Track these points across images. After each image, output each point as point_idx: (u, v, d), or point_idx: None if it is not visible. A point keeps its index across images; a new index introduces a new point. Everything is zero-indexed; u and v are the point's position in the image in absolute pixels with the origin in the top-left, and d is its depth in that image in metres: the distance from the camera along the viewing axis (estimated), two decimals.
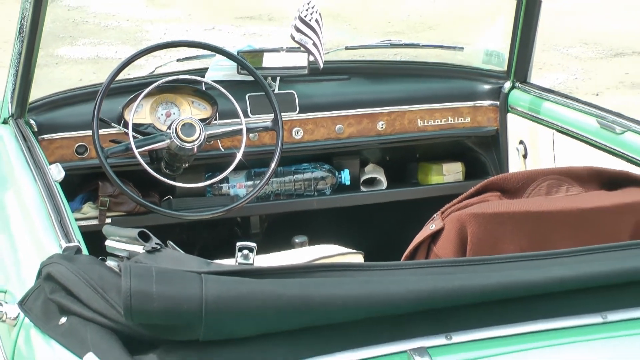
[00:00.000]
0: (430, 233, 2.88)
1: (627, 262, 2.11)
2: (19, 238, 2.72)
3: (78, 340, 2.04)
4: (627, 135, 3.31)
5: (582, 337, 2.05)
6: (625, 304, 2.09)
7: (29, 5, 3.23)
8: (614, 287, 2.10)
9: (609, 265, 2.10)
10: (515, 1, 3.78)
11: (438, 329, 2.00)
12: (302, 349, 1.95)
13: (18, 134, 3.30)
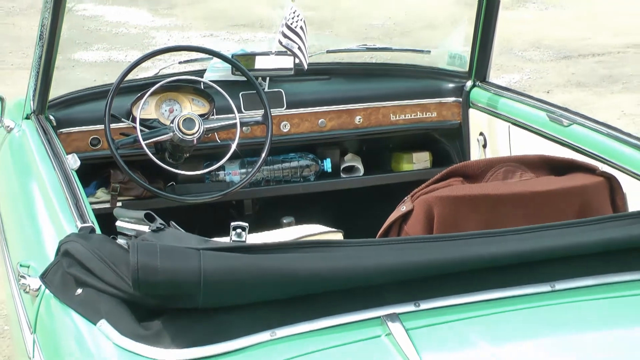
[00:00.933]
0: (401, 214, 2.89)
1: (573, 238, 2.12)
2: (40, 219, 2.72)
3: (92, 309, 2.05)
4: (573, 127, 3.32)
5: (534, 304, 2.05)
6: (572, 274, 2.10)
7: (48, 14, 3.23)
8: (561, 260, 2.11)
9: (557, 240, 2.11)
10: (476, 11, 3.78)
11: (408, 297, 2.00)
12: (288, 315, 1.96)
13: (39, 128, 3.30)
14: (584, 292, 2.09)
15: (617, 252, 2.14)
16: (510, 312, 2.03)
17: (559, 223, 2.17)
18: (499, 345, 1.97)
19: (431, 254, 2.05)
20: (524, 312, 2.03)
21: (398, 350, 1.89)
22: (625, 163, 3.06)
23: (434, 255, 2.05)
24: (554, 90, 8.07)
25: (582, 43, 10.03)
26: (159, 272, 1.88)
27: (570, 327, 2.05)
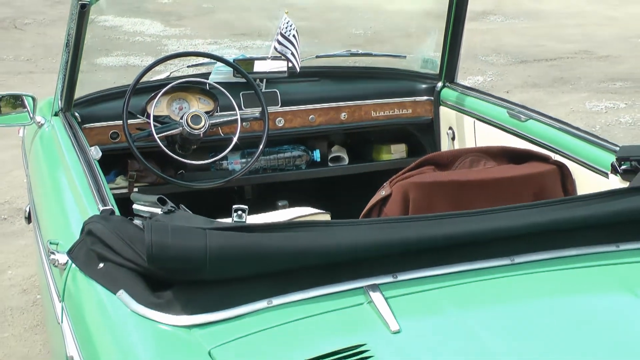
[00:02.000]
0: (381, 198, 2.89)
1: (530, 218, 2.12)
2: (67, 203, 2.72)
3: (112, 281, 2.04)
4: (530, 122, 3.33)
5: (496, 275, 2.05)
6: (529, 250, 2.10)
7: (74, 25, 3.22)
8: (520, 237, 2.10)
9: (516, 220, 2.11)
10: (445, 21, 3.78)
11: (386, 270, 2.00)
12: (282, 286, 1.95)
13: (66, 123, 3.29)
14: (538, 265, 2.09)
15: (567, 230, 2.14)
16: (475, 282, 2.03)
17: (518, 205, 2.17)
18: (466, 310, 1.96)
19: (407, 232, 2.05)
20: (487, 282, 2.03)
21: (378, 315, 1.89)
22: (575, 153, 3.06)
23: (409, 233, 2.04)
24: (512, 90, 8.08)
25: (537, 49, 10.04)
26: (170, 248, 1.88)
27: (527, 294, 2.05)
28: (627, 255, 2.15)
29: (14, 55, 10.20)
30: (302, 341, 1.86)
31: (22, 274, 4.79)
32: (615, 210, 2.18)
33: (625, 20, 11.55)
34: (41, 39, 10.93)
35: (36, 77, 8.80)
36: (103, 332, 2.03)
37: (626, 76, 8.76)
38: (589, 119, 7.30)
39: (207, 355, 1.82)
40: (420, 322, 1.92)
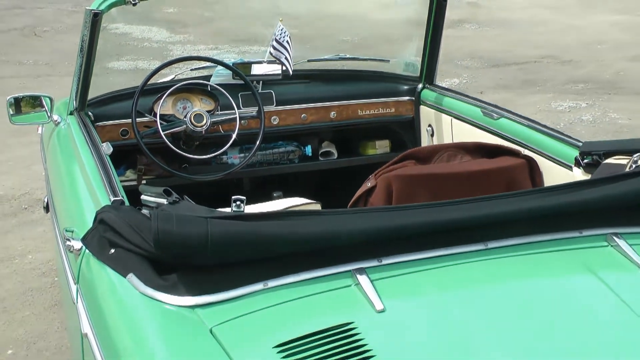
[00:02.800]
0: (367, 189, 2.89)
1: (502, 207, 2.12)
2: (81, 194, 2.71)
3: (122, 265, 2.04)
4: (501, 120, 3.35)
5: (471, 259, 2.05)
6: (500, 236, 2.10)
7: (87, 32, 3.21)
8: (493, 224, 2.11)
9: (489, 209, 2.11)
10: (425, 29, 3.78)
11: (372, 254, 2.00)
12: (277, 270, 1.95)
13: (80, 122, 3.29)
14: (509, 250, 2.09)
15: (535, 218, 2.14)
16: (452, 266, 2.03)
17: (491, 195, 2.17)
18: (444, 291, 1.97)
19: (390, 220, 2.05)
20: (464, 265, 2.03)
21: (364, 296, 1.89)
22: (542, 148, 3.07)
23: (393, 221, 2.04)
24: (485, 91, 8.09)
25: (507, 55, 10.06)
26: (175, 235, 1.88)
27: (499, 276, 2.05)
28: (589, 241, 2.15)
29: (33, 60, 10.18)
30: (295, 320, 1.86)
31: (41, 258, 4.79)
32: (578, 200, 2.18)
33: (586, 28, 11.57)
34: (58, 45, 10.90)
35: (54, 79, 8.79)
36: (114, 312, 2.03)
37: (587, 79, 8.78)
38: (554, 117, 7.31)
39: (208, 332, 1.82)
40: (402, 302, 1.92)
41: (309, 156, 4.06)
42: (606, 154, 2.72)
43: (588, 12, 12.91)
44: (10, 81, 8.99)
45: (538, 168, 3.05)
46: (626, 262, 2.09)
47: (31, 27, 12.38)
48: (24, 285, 4.48)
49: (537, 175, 3.05)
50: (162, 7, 12.02)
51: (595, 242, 2.15)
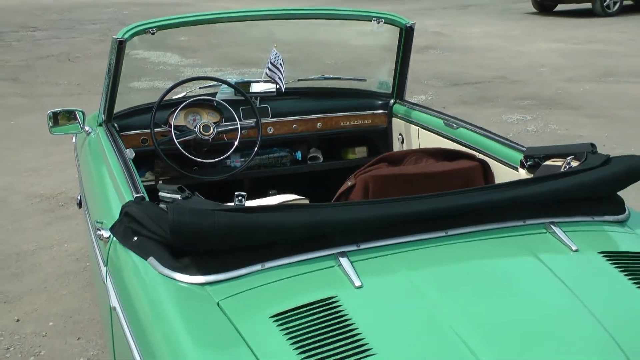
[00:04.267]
0: (347, 187, 2.90)
1: (460, 201, 2.14)
2: (109, 192, 2.72)
3: (144, 250, 2.05)
4: (460, 130, 3.35)
5: (434, 244, 2.07)
6: (459, 225, 2.12)
7: (113, 57, 3.22)
8: (452, 215, 2.12)
9: (449, 202, 2.13)
10: (396, 54, 3.80)
11: (351, 240, 2.01)
12: (272, 254, 1.97)
13: (107, 132, 3.29)
14: (466, 236, 2.11)
15: (487, 210, 2.16)
16: (418, 249, 2.05)
17: (450, 192, 2.18)
18: (411, 270, 1.98)
19: (367, 212, 2.06)
20: (428, 249, 2.06)
21: (345, 275, 1.90)
22: (493, 152, 3.08)
23: (369, 213, 2.06)
24: (447, 106, 8.11)
25: (465, 75, 10.09)
26: (187, 225, 1.89)
27: (457, 258, 2.07)
28: (530, 229, 2.18)
29: (67, 81, 10.15)
30: (288, 294, 1.87)
31: (75, 247, 4.79)
32: (522, 195, 2.21)
33: (531, 54, 11.61)
34: (88, 68, 10.87)
35: (84, 97, 8.77)
36: (137, 289, 2.03)
37: (532, 96, 8.81)
38: (504, 128, 7.34)
39: (216, 305, 1.83)
40: (377, 279, 1.93)
41: (299, 160, 4.06)
42: (545, 157, 2.73)
43: (533, 41, 12.96)
44: (49, 99, 8.97)
45: (490, 169, 3.07)
46: (560, 246, 2.11)
47: (66, 54, 12.34)
48: (61, 269, 4.48)
49: (489, 175, 3.06)
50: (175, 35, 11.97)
51: (535, 230, 2.17)
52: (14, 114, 8.41)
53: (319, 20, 3.75)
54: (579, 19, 15.55)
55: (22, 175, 6.29)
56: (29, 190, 5.92)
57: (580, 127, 7.39)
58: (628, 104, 8.28)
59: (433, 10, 18.18)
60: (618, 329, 1.77)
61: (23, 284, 4.30)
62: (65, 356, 3.55)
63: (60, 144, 6.44)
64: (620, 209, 2.35)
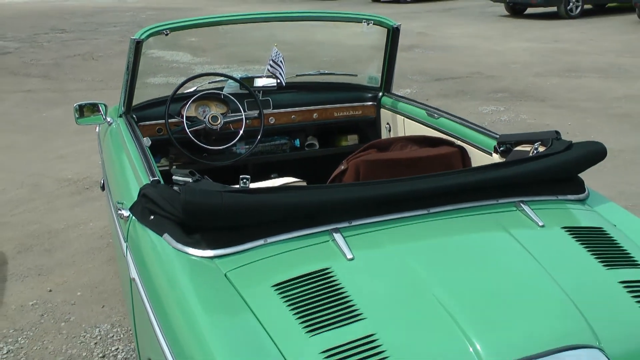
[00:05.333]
0: (340, 171, 2.89)
1: (441, 182, 2.14)
2: (128, 176, 2.71)
3: (159, 227, 2.05)
4: (441, 119, 3.34)
5: (417, 221, 2.07)
6: (440, 203, 2.12)
7: (131, 56, 3.20)
8: (433, 195, 2.12)
9: (431, 183, 2.12)
10: (384, 52, 3.78)
11: (344, 218, 2.01)
12: (274, 230, 1.96)
13: (127, 122, 3.27)
14: (446, 214, 2.11)
15: (465, 190, 2.16)
16: (404, 226, 2.05)
17: (432, 174, 2.18)
18: (397, 244, 1.98)
19: (358, 192, 2.06)
20: (412, 225, 2.06)
21: (338, 248, 1.91)
22: (470, 139, 3.08)
23: (360, 194, 2.05)
24: (430, 99, 8.09)
25: (446, 71, 10.06)
26: (198, 205, 1.88)
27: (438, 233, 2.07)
28: (503, 207, 2.18)
29: (91, 78, 10.11)
30: (287, 266, 1.87)
31: (99, 225, 4.78)
32: (495, 177, 2.21)
33: (504, 52, 11.57)
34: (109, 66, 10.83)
35: (106, 92, 8.73)
36: (153, 262, 2.03)
37: (505, 89, 8.79)
38: (480, 117, 7.33)
39: (223, 276, 1.83)
40: (367, 252, 1.93)
41: (298, 147, 4.05)
42: (516, 143, 2.73)
43: (506, 40, 12.91)
44: (75, 93, 8.94)
45: (467, 154, 3.06)
46: (528, 222, 2.12)
47: (90, 53, 12.28)
48: (87, 245, 4.48)
49: (466, 159, 3.06)
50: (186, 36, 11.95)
51: (507, 208, 2.17)
52: (45, 107, 8.38)
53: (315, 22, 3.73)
54: (546, 21, 15.50)
55: (52, 162, 6.28)
56: (58, 175, 5.91)
57: (547, 117, 7.38)
58: (588, 97, 8.27)
59: (418, 13, 18.10)
60: (577, 294, 1.78)
61: (54, 259, 4.31)
62: (92, 322, 3.56)
63: (85, 133, 6.43)
64: (581, 189, 2.35)
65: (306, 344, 1.61)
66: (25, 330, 3.49)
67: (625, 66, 10.00)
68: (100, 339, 3.39)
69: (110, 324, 3.53)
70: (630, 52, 11.09)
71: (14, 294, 3.87)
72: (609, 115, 7.38)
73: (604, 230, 2.12)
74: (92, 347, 3.33)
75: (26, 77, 10.30)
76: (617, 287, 1.85)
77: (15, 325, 3.54)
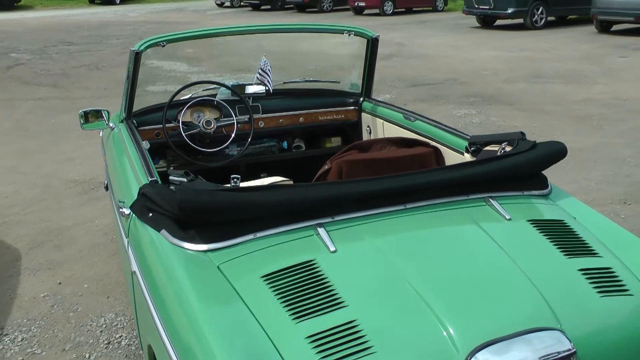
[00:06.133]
0: (324, 170, 2.87)
1: (416, 180, 2.13)
2: (129, 176, 2.69)
3: (157, 224, 2.03)
4: (417, 122, 3.33)
5: (395, 216, 2.06)
6: (415, 200, 2.11)
7: (131, 66, 3.17)
8: (410, 192, 2.11)
9: (408, 181, 2.12)
10: (364, 60, 3.76)
11: (327, 213, 2.00)
12: (263, 225, 1.95)
13: (127, 127, 3.24)
14: (421, 209, 2.11)
15: (438, 187, 2.16)
16: (382, 220, 2.04)
17: (409, 172, 2.17)
18: (376, 237, 1.97)
19: (340, 190, 2.05)
20: (390, 220, 2.05)
21: (322, 241, 1.90)
22: (444, 140, 3.07)
23: (342, 191, 2.04)
24: (408, 103, 8.09)
25: (423, 78, 10.07)
26: (192, 203, 1.87)
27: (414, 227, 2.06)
28: (473, 202, 2.18)
29: (96, 86, 10.04)
30: (275, 258, 1.86)
31: (104, 222, 4.75)
32: (467, 174, 2.20)
33: (476, 60, 11.61)
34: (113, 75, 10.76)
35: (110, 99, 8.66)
36: (152, 255, 2.02)
37: (476, 94, 8.81)
38: (454, 120, 7.34)
39: (216, 268, 1.82)
40: (348, 245, 1.93)
41: (285, 148, 4.02)
42: (485, 144, 2.73)
43: (478, 49, 12.95)
44: (81, 101, 8.87)
45: (441, 154, 3.06)
46: (497, 216, 2.12)
47: (95, 63, 12.20)
48: (93, 241, 4.45)
49: (440, 158, 3.05)
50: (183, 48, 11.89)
51: (477, 203, 2.17)
52: (54, 114, 8.32)
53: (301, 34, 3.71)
54: (513, 32, 15.56)
55: (61, 164, 6.23)
56: (66, 177, 5.86)
57: (515, 119, 7.40)
58: (552, 100, 8.30)
59: (396, 25, 18.11)
60: (540, 281, 1.79)
61: (63, 254, 4.27)
62: (98, 311, 3.54)
63: (91, 138, 6.38)
64: (544, 185, 2.35)
65: (292, 330, 1.60)
66: (37, 320, 3.46)
67: (585, 72, 10.06)
68: (106, 327, 3.37)
69: (114, 313, 3.50)
70: (589, 60, 11.16)
71: (27, 286, 3.84)
72: (570, 117, 7.41)
73: (565, 223, 2.13)
74: (98, 334, 3.31)
75: (37, 86, 10.22)
76: (576, 274, 1.86)
77: (29, 315, 3.51)
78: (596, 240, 2.05)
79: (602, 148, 6.20)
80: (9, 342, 3.26)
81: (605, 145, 6.27)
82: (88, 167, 6.06)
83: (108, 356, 3.12)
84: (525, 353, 1.58)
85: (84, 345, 3.22)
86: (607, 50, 12.18)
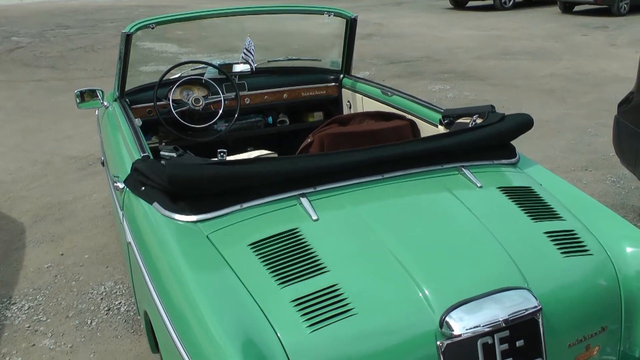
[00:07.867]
0: (307, 143, 2.85)
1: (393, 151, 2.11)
2: (123, 152, 2.65)
3: (149, 197, 2.00)
4: (394, 97, 3.31)
5: (374, 185, 2.04)
6: (392, 169, 2.09)
7: (123, 47, 3.09)
8: (387, 162, 2.09)
9: (385, 152, 2.10)
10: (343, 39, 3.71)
11: (309, 184, 1.98)
12: (249, 196, 1.93)
13: (121, 106, 3.18)
14: (398, 178, 2.09)
15: (413, 157, 2.14)
16: (361, 190, 2.02)
17: (386, 144, 2.15)
18: (356, 205, 1.95)
19: (322, 161, 2.02)
20: (369, 189, 2.03)
21: (305, 211, 1.88)
22: (419, 113, 3.05)
23: (323, 162, 2.02)
24: (386, 79, 8.03)
25: (400, 56, 10.00)
26: (181, 176, 1.84)
27: (391, 195, 2.04)
28: (446, 171, 2.16)
29: (92, 67, 9.86)
30: (260, 227, 1.84)
31: (101, 196, 4.69)
32: (440, 145, 2.18)
33: (449, 39, 11.53)
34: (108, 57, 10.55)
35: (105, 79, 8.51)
36: (146, 227, 1.99)
37: (450, 71, 8.77)
38: (429, 95, 7.31)
39: (205, 238, 1.80)
40: (330, 214, 1.91)
41: (270, 124, 3.97)
42: (458, 116, 2.72)
43: (451, 28, 12.86)
44: (79, 81, 8.72)
45: (417, 126, 3.05)
46: (469, 183, 2.11)
47: (90, 46, 11.96)
48: (92, 213, 4.40)
49: (416, 131, 3.04)
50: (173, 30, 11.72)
51: (450, 172, 2.16)
52: (54, 94, 8.18)
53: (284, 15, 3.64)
54: (484, 12, 15.48)
55: (61, 142, 6.14)
56: (66, 153, 5.77)
57: (486, 93, 7.38)
58: (520, 75, 8.29)
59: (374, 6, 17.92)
60: (509, 244, 1.79)
61: (65, 226, 4.22)
62: (98, 280, 3.51)
63: (88, 116, 6.28)
64: (512, 154, 2.34)
65: (278, 294, 1.59)
66: (42, 289, 3.43)
67: (550, 49, 10.03)
68: (106, 295, 3.35)
69: (113, 281, 3.48)
70: (554, 38, 11.13)
71: (32, 258, 3.80)
72: (536, 91, 7.41)
73: (532, 189, 2.12)
74: (99, 302, 3.29)
75: (37, 68, 10.03)
76: (542, 237, 1.86)
77: (34, 285, 3.48)
78: (560, 205, 2.05)
79: (565, 119, 6.21)
80: (17, 310, 3.23)
81: (568, 117, 6.28)
82: (87, 144, 5.97)
83: (108, 322, 3.10)
84: (496, 311, 1.58)
85: (86, 312, 3.20)
86: (570, 29, 12.17)
